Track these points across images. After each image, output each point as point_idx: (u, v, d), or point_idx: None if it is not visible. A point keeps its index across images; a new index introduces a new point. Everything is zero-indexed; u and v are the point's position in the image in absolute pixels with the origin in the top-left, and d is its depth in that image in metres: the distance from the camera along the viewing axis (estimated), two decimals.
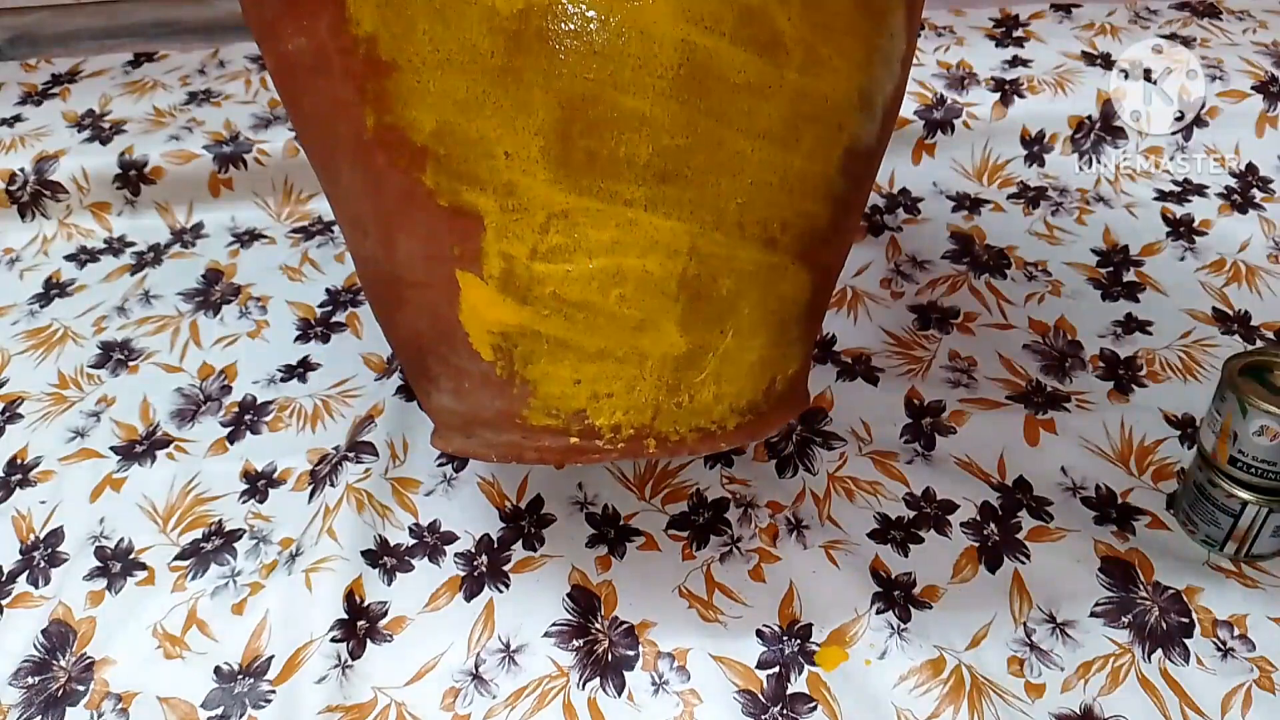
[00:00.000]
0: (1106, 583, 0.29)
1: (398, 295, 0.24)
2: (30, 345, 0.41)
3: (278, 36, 0.23)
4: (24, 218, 0.46)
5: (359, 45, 0.21)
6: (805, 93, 0.21)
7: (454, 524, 0.32)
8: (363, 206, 0.23)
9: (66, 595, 0.31)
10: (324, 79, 0.22)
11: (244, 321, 0.41)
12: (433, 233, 0.22)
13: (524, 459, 0.22)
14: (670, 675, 0.28)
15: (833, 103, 0.22)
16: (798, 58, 0.21)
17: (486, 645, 0.29)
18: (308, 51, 0.22)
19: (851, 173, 0.23)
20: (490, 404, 0.23)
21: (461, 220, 0.21)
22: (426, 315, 0.23)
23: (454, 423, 0.24)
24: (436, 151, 0.21)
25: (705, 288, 0.22)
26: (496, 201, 0.21)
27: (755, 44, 0.20)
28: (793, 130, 0.21)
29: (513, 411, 0.22)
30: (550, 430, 0.22)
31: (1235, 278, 0.40)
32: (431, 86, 0.20)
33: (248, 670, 0.28)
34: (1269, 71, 0.45)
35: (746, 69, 0.20)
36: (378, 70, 0.21)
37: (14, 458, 0.36)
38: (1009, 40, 0.49)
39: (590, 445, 0.22)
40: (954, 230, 0.43)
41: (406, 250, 0.23)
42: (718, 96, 0.20)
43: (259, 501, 0.33)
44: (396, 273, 0.23)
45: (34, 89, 0.52)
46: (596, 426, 0.22)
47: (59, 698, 0.28)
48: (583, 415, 0.22)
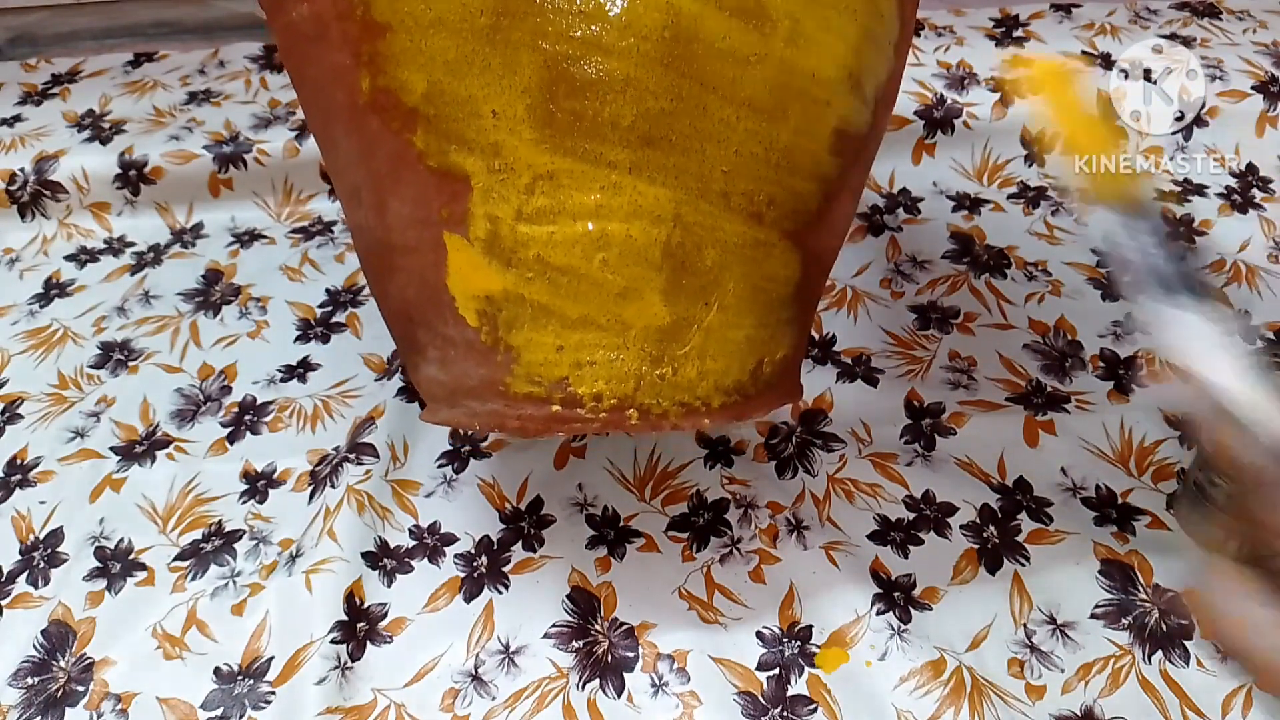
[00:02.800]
0: (1106, 585, 0.29)
1: (389, 263, 0.24)
2: (30, 345, 0.41)
3: (283, 6, 0.23)
4: (24, 218, 0.46)
5: (355, 8, 0.21)
6: (792, 66, 0.21)
7: (454, 525, 0.32)
8: (358, 174, 0.24)
9: (66, 596, 0.31)
10: (323, 46, 0.22)
11: (244, 322, 0.41)
12: (422, 195, 0.22)
13: (506, 428, 0.22)
14: (670, 677, 0.28)
15: (820, 78, 0.22)
16: (784, 29, 0.21)
17: (486, 646, 0.29)
18: (309, 19, 0.22)
19: (841, 154, 0.23)
20: (474, 371, 0.23)
21: (449, 182, 0.21)
22: (415, 282, 0.23)
23: (440, 393, 0.24)
24: (427, 113, 0.21)
25: (690, 258, 0.21)
26: (484, 162, 0.21)
27: (741, 12, 0.20)
28: (779, 102, 0.21)
29: (496, 379, 0.22)
30: (532, 399, 0.22)
31: (1235, 277, 0.40)
32: (423, 46, 0.21)
33: (247, 671, 0.28)
34: (1269, 71, 0.45)
35: (731, 35, 0.20)
36: (373, 32, 0.21)
37: (14, 458, 0.36)
38: (1009, 40, 0.49)
39: (572, 414, 0.22)
40: (954, 230, 0.43)
41: (397, 214, 0.23)
42: (703, 62, 0.20)
43: (259, 502, 0.33)
44: (388, 239, 0.23)
45: (34, 89, 0.52)
46: (579, 395, 0.22)
47: (58, 698, 0.28)
48: (565, 383, 0.22)
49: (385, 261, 0.24)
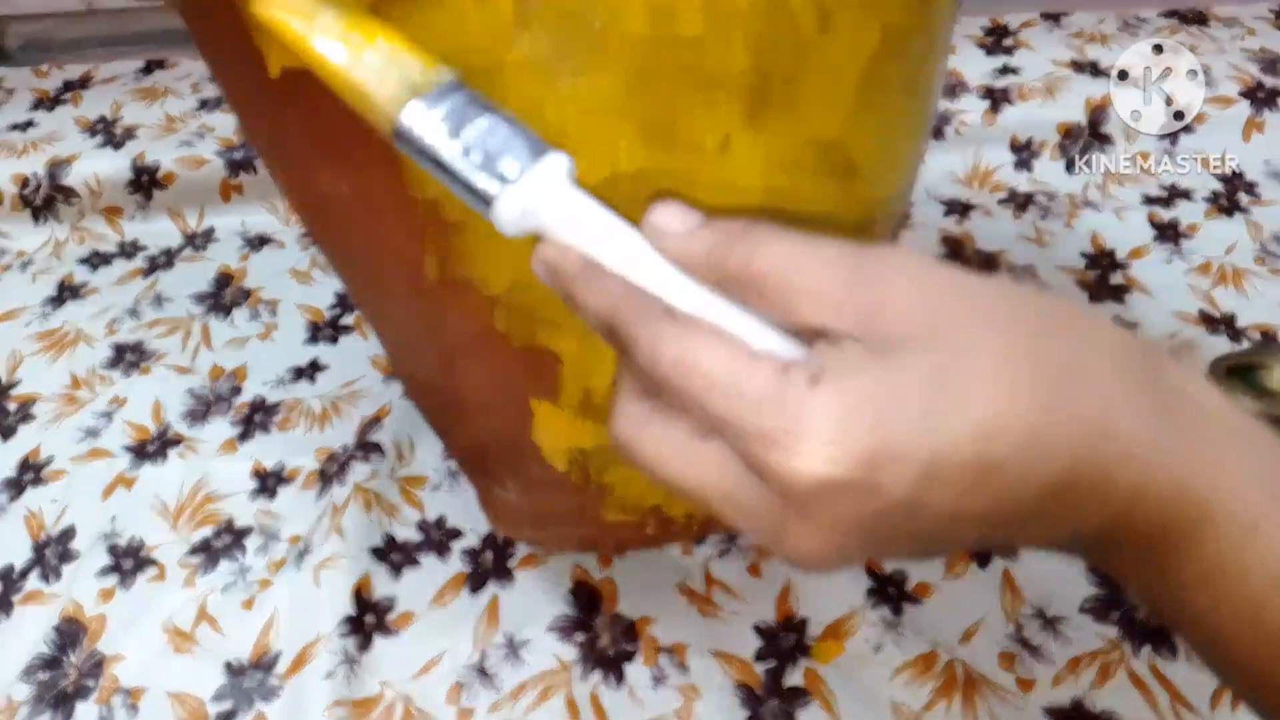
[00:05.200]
0: (1095, 580, 0.30)
1: (458, 413, 0.23)
2: (43, 347, 0.41)
3: (307, 179, 0.20)
4: (37, 221, 0.47)
5: (418, 204, 0.19)
6: (870, 198, 0.21)
7: (460, 520, 0.33)
8: (415, 336, 0.22)
9: (77, 592, 0.31)
10: (373, 222, 0.20)
11: (254, 324, 0.42)
12: (503, 368, 0.21)
13: (601, 549, 0.22)
14: (670, 670, 0.28)
15: (892, 195, 0.22)
16: (867, 172, 0.20)
17: (491, 640, 0.29)
18: (350, 198, 0.20)
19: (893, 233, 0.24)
20: (563, 503, 0.23)
21: (537, 358, 0.20)
22: (491, 431, 0.23)
23: (520, 518, 0.24)
24: (511, 302, 0.20)
25: None
26: (577, 341, 0.20)
27: (831, 171, 0.20)
28: (860, 238, 0.22)
29: (588, 509, 0.22)
30: (625, 524, 0.23)
31: (1222, 280, 0.40)
32: (504, 246, 0.17)
33: (257, 665, 0.29)
34: (1256, 78, 0.46)
35: (820, 196, 0.20)
36: (443, 229, 0.19)
37: (26, 458, 0.36)
38: (999, 49, 0.50)
39: (666, 534, 0.23)
40: (945, 235, 0.44)
41: (471, 379, 0.22)
42: (795, 225, 0.20)
43: (268, 499, 0.34)
44: (457, 394, 0.22)
45: (46, 95, 0.53)
46: (671, 517, 0.22)
47: (69, 693, 0.29)
48: (659, 510, 0.22)
49: (453, 410, 0.23)
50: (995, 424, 0.12)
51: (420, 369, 0.24)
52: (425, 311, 0.21)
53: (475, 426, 0.23)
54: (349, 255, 0.23)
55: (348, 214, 0.20)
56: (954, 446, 0.11)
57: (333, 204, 0.20)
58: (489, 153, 0.14)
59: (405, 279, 0.21)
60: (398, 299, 0.22)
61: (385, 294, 0.22)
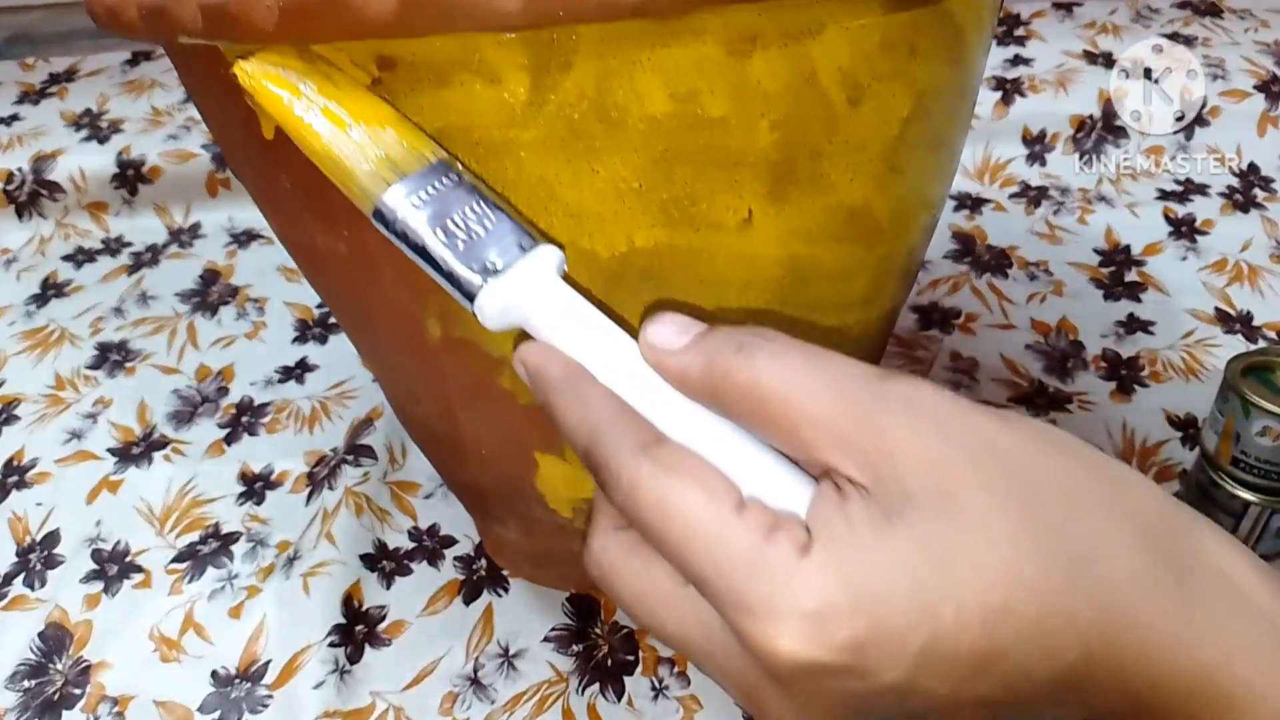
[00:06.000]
0: None
1: (458, 458, 0.23)
2: (27, 346, 0.40)
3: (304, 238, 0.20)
4: (21, 218, 0.46)
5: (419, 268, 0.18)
6: (892, 253, 0.21)
7: (453, 528, 0.32)
8: (416, 385, 0.22)
9: (63, 598, 0.31)
10: (371, 282, 0.19)
11: (241, 323, 0.41)
12: (508, 423, 0.20)
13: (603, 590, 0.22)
14: (670, 681, 0.28)
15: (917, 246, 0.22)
16: (890, 230, 0.20)
17: (485, 650, 0.29)
18: (347, 255, 0.19)
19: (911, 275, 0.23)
20: (566, 545, 0.22)
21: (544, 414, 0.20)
22: (494, 477, 0.22)
23: (521, 558, 0.24)
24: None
25: None
26: None
27: (855, 235, 0.19)
28: (877, 288, 0.21)
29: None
30: None
31: (1237, 278, 0.39)
32: None
33: (245, 674, 0.28)
34: (1271, 71, 0.45)
35: (842, 259, 0.19)
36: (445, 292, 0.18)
37: (10, 460, 0.35)
38: (1010, 39, 0.49)
39: None
40: (955, 230, 0.43)
41: (474, 430, 0.21)
42: (814, 288, 0.19)
43: (256, 504, 0.33)
44: (459, 442, 0.22)
45: (31, 88, 0.52)
46: None
47: (55, 701, 0.28)
48: None
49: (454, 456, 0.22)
50: (1001, 609, 0.11)
51: (418, 412, 0.23)
52: (426, 368, 0.20)
53: (475, 470, 0.23)
54: (347, 309, 0.22)
55: (346, 272, 0.19)
56: (954, 631, 0.11)
57: (331, 262, 0.19)
58: (473, 242, 0.13)
59: (406, 336, 0.20)
60: (398, 353, 0.21)
61: (385, 347, 0.22)
